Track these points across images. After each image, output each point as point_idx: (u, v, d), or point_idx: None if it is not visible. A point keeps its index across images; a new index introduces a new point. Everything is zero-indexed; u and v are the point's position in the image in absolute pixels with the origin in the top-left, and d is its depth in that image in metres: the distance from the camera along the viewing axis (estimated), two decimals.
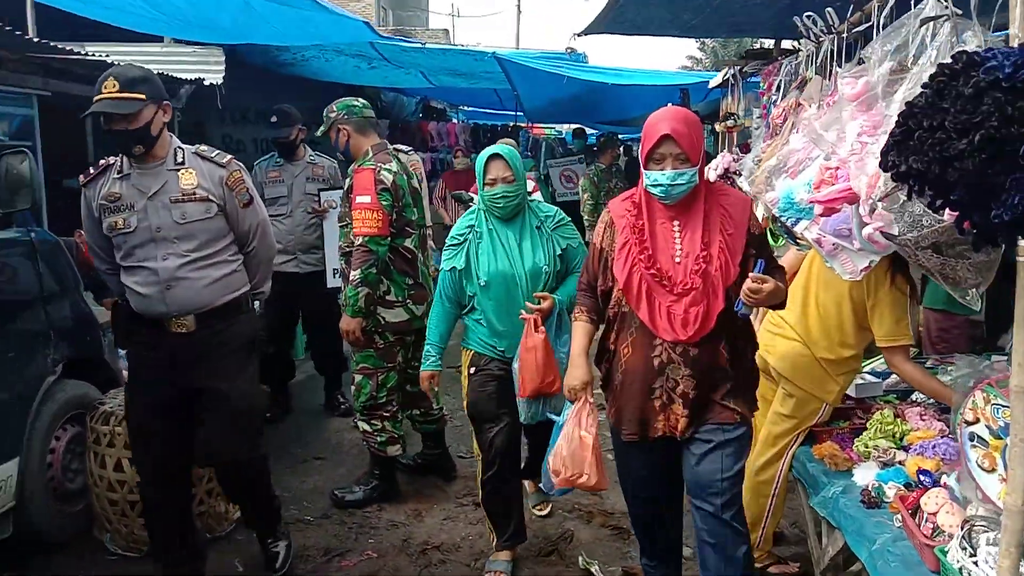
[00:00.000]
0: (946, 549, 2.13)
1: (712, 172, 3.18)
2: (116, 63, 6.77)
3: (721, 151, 4.70)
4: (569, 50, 7.18)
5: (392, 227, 3.88)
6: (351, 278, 3.82)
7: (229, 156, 3.09)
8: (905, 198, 1.50)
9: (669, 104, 3.46)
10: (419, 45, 7.61)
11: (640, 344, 2.64)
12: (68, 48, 5.98)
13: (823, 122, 2.05)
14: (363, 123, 4.12)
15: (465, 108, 14.91)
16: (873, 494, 2.69)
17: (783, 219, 2.48)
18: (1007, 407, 1.65)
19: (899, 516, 2.48)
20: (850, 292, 3.04)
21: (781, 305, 2.62)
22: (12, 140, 6.06)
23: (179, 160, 2.96)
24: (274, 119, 5.19)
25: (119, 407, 3.48)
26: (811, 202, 2.03)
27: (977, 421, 1.78)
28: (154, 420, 3.02)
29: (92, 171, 3.01)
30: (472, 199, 4.98)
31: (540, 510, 3.93)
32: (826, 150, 2.01)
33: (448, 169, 10.50)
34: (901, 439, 2.97)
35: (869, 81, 1.87)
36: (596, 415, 2.80)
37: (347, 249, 3.99)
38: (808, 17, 2.63)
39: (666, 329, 2.56)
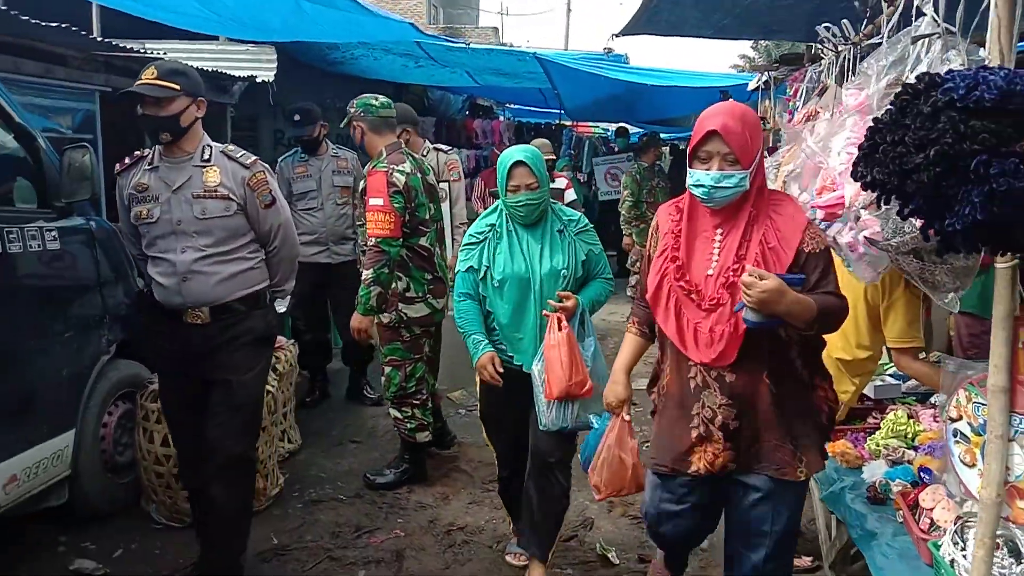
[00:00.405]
0: (939, 543, 2.22)
1: None
2: (172, 60, 7.07)
3: None
4: (607, 50, 7.27)
5: (406, 227, 4.00)
6: (364, 277, 3.92)
7: (254, 158, 3.14)
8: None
9: (731, 100, 3.12)
10: (463, 45, 7.77)
11: (676, 364, 2.43)
12: (128, 46, 6.29)
13: (824, 132, 2.15)
14: (378, 122, 4.17)
15: (511, 106, 15.06)
16: (879, 491, 2.76)
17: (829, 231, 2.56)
18: (986, 405, 1.74)
19: (901, 512, 2.56)
20: (866, 294, 3.11)
21: (816, 326, 2.21)
22: (75, 133, 6.41)
23: (206, 157, 3.04)
24: (297, 117, 5.34)
25: (149, 380, 3.74)
26: (812, 207, 2.13)
27: (960, 418, 1.87)
28: (178, 410, 3.18)
29: (127, 161, 3.12)
30: None
31: (516, 559, 3.52)
32: (816, 160, 2.11)
33: (488, 167, 10.66)
34: (912, 439, 3.03)
35: (868, 94, 1.97)
36: (633, 435, 2.75)
37: (364, 247, 4.16)
38: (826, 28, 2.71)
39: (692, 348, 2.33)
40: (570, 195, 6.95)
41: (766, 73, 4.52)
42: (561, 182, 6.89)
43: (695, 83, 7.54)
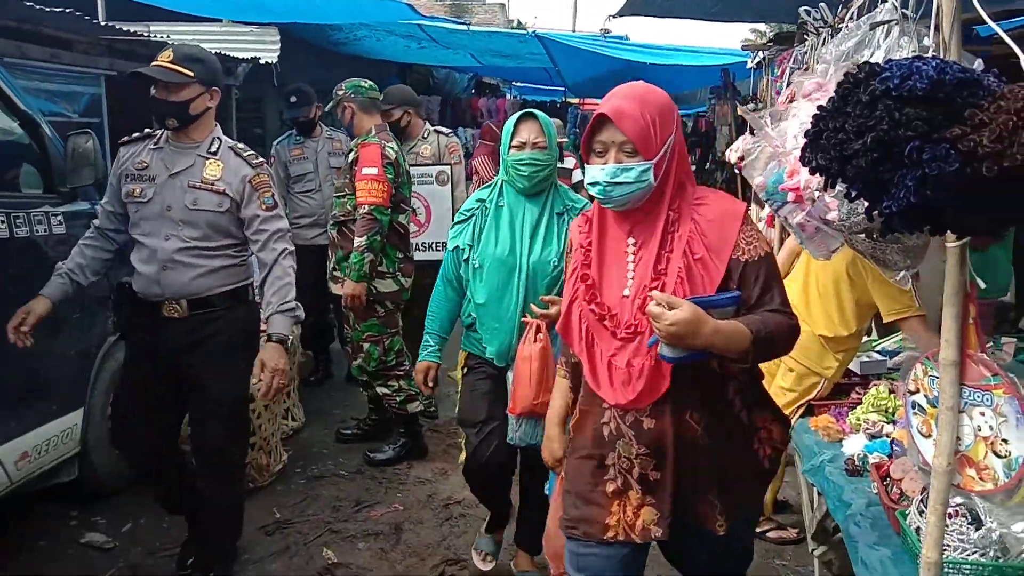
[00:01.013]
0: (906, 512, 2.31)
1: (732, 154, 3.14)
2: (173, 42, 7.16)
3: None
4: (604, 31, 7.29)
5: (390, 201, 4.18)
6: (357, 245, 4.07)
7: (262, 160, 3.09)
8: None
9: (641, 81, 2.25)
10: (464, 27, 7.81)
11: (587, 404, 2.05)
12: (132, 30, 6.37)
13: (781, 116, 2.20)
14: (367, 103, 4.41)
15: (517, 84, 15.08)
16: (857, 463, 2.85)
17: (769, 204, 2.62)
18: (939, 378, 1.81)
19: (876, 484, 2.65)
20: (847, 271, 3.17)
21: (753, 357, 1.84)
22: (81, 117, 6.51)
23: (212, 149, 2.97)
24: (293, 99, 5.42)
25: None
26: (782, 189, 2.19)
27: (918, 391, 1.94)
28: (146, 404, 3.03)
29: (136, 135, 3.07)
30: None
31: (483, 562, 3.31)
32: (773, 145, 2.17)
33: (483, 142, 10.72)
34: (893, 413, 3.11)
35: (820, 81, 2.03)
36: None
37: (342, 218, 4.35)
38: (806, 10, 2.76)
39: (606, 387, 1.93)
40: (579, 175, 6.87)
41: (760, 52, 4.55)
42: (570, 162, 6.75)
43: (693, 61, 7.57)
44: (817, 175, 1.49)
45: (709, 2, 3.94)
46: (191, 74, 2.87)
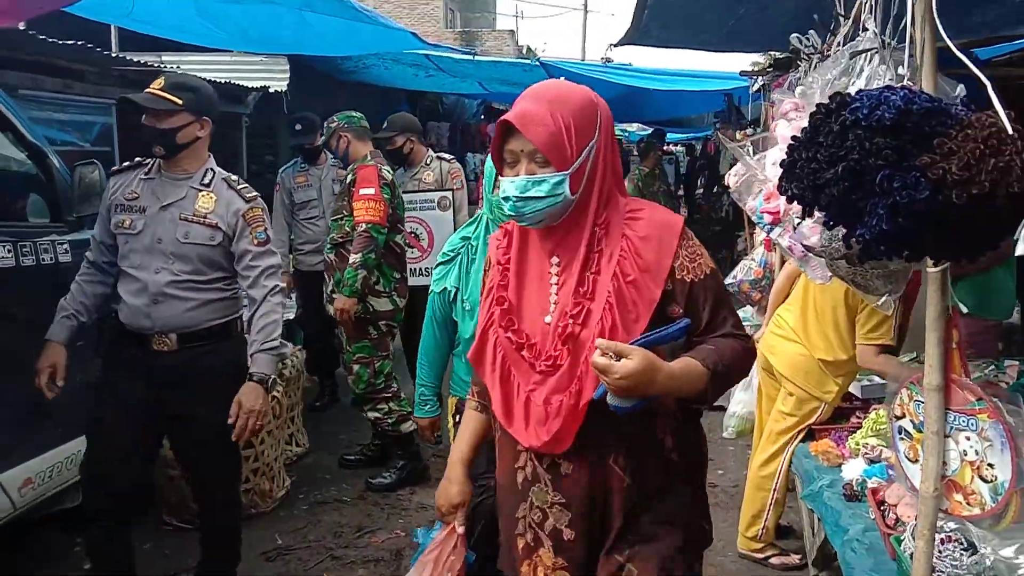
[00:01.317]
0: (901, 538, 2.30)
1: (731, 178, 3.13)
2: (183, 72, 7.27)
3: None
4: (605, 59, 7.37)
5: (387, 221, 4.28)
6: (352, 261, 4.17)
7: (256, 194, 3.01)
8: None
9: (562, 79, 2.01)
10: (470, 57, 7.90)
11: (504, 445, 1.81)
12: (143, 61, 6.49)
13: (762, 144, 2.23)
14: (361, 131, 4.60)
15: None
16: (856, 488, 2.84)
17: (761, 227, 2.64)
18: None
19: (872, 508, 2.64)
20: (845, 296, 3.18)
21: (703, 399, 1.63)
22: (93, 146, 6.62)
23: (206, 181, 2.91)
24: (298, 127, 5.49)
25: None
26: (761, 212, 2.21)
27: (904, 416, 1.94)
28: (121, 439, 2.88)
29: (126, 164, 3.01)
30: None
31: None
32: (751, 172, 2.19)
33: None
34: None
35: (796, 102, 2.05)
36: (463, 550, 2.00)
37: (339, 240, 4.42)
38: (796, 38, 2.79)
39: (520, 427, 1.68)
40: None
41: (759, 78, 4.60)
42: None
43: (695, 86, 7.62)
44: (789, 204, 1.51)
45: (703, 33, 4.00)
46: (180, 102, 2.81)
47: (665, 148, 8.22)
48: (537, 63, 7.57)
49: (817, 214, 1.51)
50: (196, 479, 3.12)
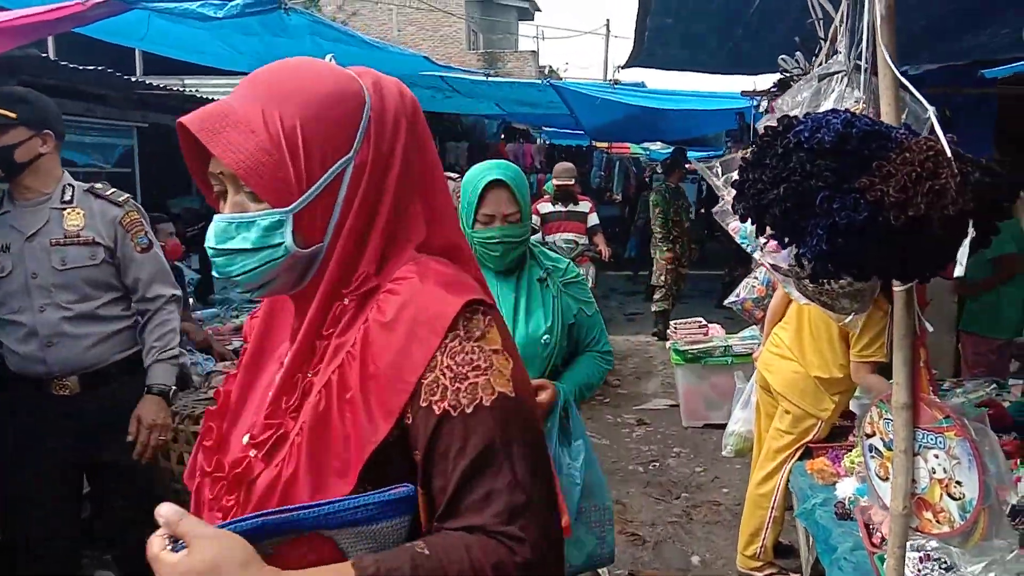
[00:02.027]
0: (884, 556, 2.30)
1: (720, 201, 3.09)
2: (201, 95, 7.42)
3: None
4: (613, 81, 7.44)
5: None
6: None
7: (127, 195, 2.73)
8: None
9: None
10: (483, 78, 8.00)
11: None
12: (163, 85, 6.67)
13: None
14: None
15: (546, 129, 15.31)
16: (848, 506, 2.84)
17: (744, 246, 2.66)
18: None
19: (860, 527, 2.64)
20: None
21: None
22: (115, 168, 6.81)
23: (66, 198, 2.61)
24: None
25: (183, 407, 3.97)
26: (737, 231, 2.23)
27: (874, 434, 1.95)
28: (38, 494, 2.65)
29: None
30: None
31: None
32: (719, 194, 2.23)
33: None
34: None
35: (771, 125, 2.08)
36: None
37: None
38: (783, 59, 2.82)
39: None
40: (593, 219, 6.92)
41: (762, 98, 4.62)
42: (584, 205, 6.92)
43: (704, 105, 7.64)
44: (741, 224, 1.54)
45: (704, 55, 4.05)
46: (14, 116, 2.52)
47: (688, 166, 8.16)
48: (547, 84, 7.65)
49: (770, 233, 1.54)
50: (121, 526, 2.78)
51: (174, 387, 2.74)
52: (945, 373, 4.70)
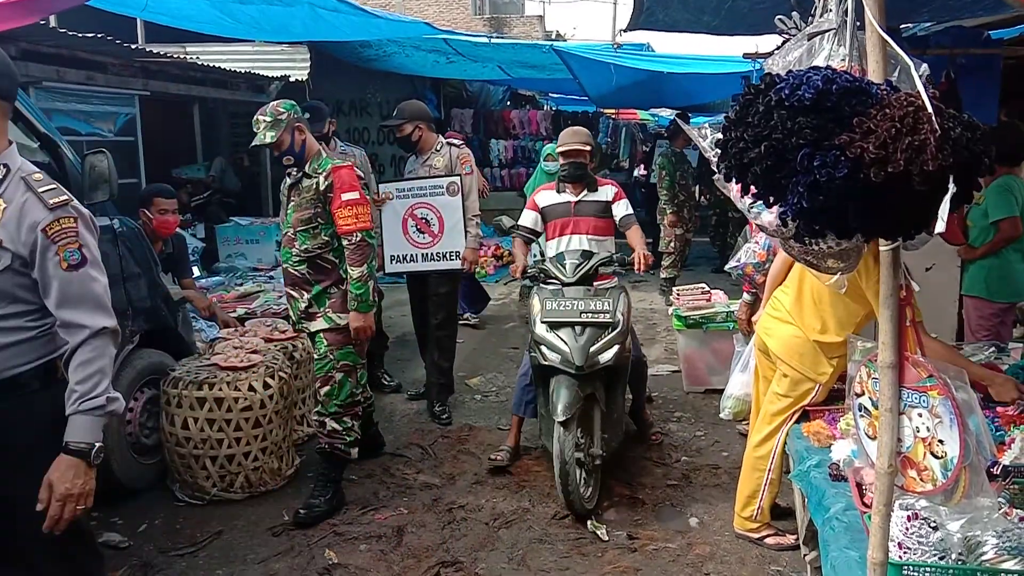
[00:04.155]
0: None
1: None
2: (203, 62, 7.37)
3: None
4: (616, 45, 7.35)
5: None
6: (358, 275, 3.81)
7: (66, 197, 2.18)
8: None
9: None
10: (486, 40, 7.93)
11: None
12: (164, 52, 6.64)
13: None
14: (306, 121, 4.07)
15: (553, 95, 15.17)
16: (842, 468, 2.86)
17: (749, 215, 2.63)
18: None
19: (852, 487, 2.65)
20: None
21: None
22: (117, 136, 6.80)
23: None
24: (307, 115, 5.42)
25: (186, 373, 4.02)
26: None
27: (863, 393, 1.96)
28: None
29: None
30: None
31: None
32: (707, 156, 2.21)
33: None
34: None
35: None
36: None
37: (317, 251, 3.91)
38: (780, 19, 2.79)
39: None
40: (622, 209, 4.60)
41: (762, 60, 4.57)
42: (607, 191, 4.62)
43: (711, 69, 7.55)
44: (726, 184, 1.54)
45: (708, 17, 4.00)
46: None
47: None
48: (550, 47, 7.57)
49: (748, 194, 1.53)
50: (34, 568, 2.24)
51: (98, 444, 2.12)
52: (947, 337, 4.69)
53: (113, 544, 3.63)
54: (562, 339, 3.91)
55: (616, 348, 3.94)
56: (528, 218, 4.69)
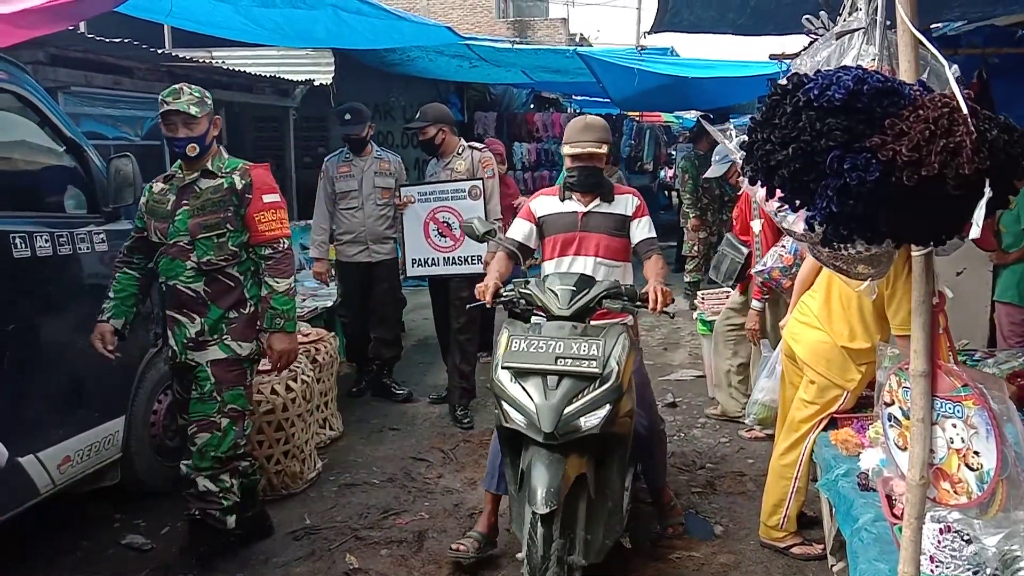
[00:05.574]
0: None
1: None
2: (229, 67, 7.42)
3: None
4: (640, 48, 7.29)
5: None
6: (284, 288, 3.34)
7: None
8: None
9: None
10: (508, 45, 7.90)
11: None
12: (190, 57, 6.69)
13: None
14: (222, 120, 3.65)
15: (576, 98, 15.11)
16: (871, 478, 2.79)
17: (777, 219, 2.59)
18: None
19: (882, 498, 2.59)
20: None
21: None
22: (144, 140, 6.86)
23: None
24: (348, 116, 5.39)
25: None
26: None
27: (893, 403, 1.91)
28: None
29: None
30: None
31: None
32: (732, 156, 2.17)
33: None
34: None
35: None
36: None
37: (219, 263, 3.33)
38: (807, 19, 2.74)
39: None
40: (643, 231, 3.56)
41: (789, 61, 4.51)
42: (626, 202, 3.54)
43: (734, 72, 7.47)
44: (751, 186, 1.50)
45: (733, 15, 3.94)
46: None
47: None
48: (573, 52, 7.53)
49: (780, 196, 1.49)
50: None
51: None
52: (979, 343, 4.60)
53: (137, 546, 3.65)
54: (527, 394, 2.81)
55: (605, 410, 2.78)
56: (520, 229, 3.56)
